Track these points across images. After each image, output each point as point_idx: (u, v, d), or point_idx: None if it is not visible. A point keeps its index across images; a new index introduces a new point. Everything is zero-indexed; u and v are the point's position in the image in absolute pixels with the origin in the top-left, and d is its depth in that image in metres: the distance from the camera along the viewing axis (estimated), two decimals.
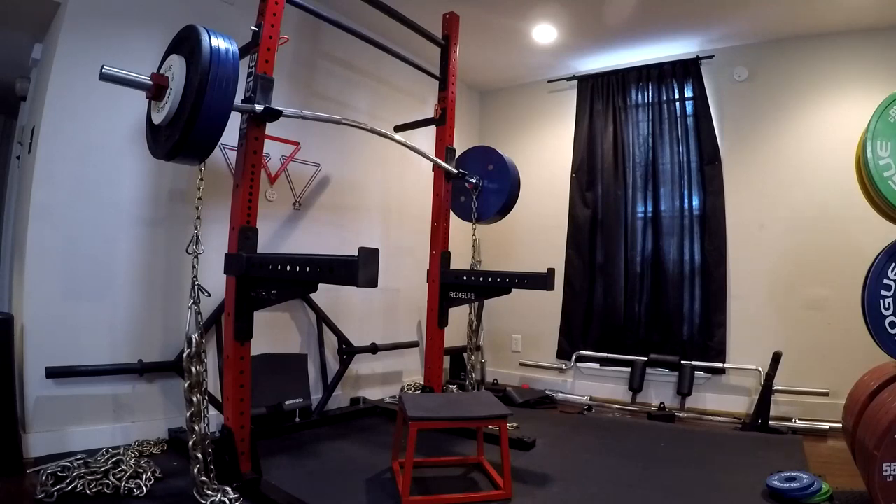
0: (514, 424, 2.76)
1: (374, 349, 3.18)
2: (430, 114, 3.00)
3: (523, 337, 4.14)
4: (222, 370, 2.25)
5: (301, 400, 2.70)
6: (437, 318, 2.84)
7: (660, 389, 3.48)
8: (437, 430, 2.39)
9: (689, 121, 3.58)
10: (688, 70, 3.58)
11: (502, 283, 2.57)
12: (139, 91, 1.66)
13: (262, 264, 1.75)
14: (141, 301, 2.32)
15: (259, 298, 1.82)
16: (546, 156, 4.17)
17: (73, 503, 1.64)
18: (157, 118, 1.65)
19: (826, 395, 2.94)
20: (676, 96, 3.63)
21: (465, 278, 2.76)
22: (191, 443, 1.69)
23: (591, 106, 3.92)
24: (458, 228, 3.14)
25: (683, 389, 3.28)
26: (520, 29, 3.40)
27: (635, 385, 3.45)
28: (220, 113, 1.56)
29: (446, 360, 3.61)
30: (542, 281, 2.45)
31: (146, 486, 1.76)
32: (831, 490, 1.85)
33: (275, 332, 2.77)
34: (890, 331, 1.89)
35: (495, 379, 4.03)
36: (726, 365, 3.30)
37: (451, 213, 3.04)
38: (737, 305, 3.37)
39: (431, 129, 3.03)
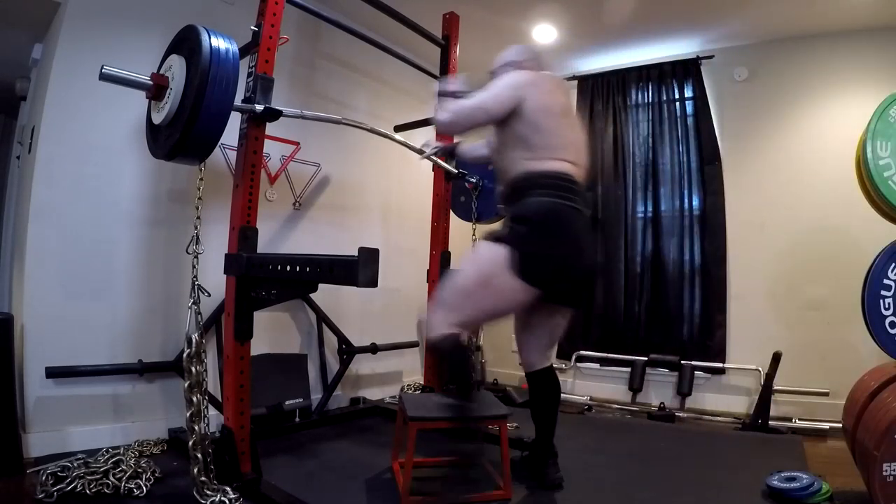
0: (514, 424, 2.75)
1: (374, 349, 3.17)
2: (430, 114, 2.99)
3: None
4: (222, 370, 2.25)
5: (301, 400, 2.70)
6: None
7: (660, 389, 3.47)
8: (437, 429, 2.39)
9: (689, 121, 3.58)
10: (688, 70, 3.58)
11: None
12: (139, 91, 1.66)
13: (263, 264, 1.76)
14: (141, 301, 2.32)
15: (259, 298, 1.82)
16: None
17: (73, 503, 1.64)
18: (157, 118, 1.65)
19: (826, 395, 2.93)
20: (676, 96, 3.63)
21: None
22: (191, 443, 1.69)
23: (591, 106, 3.92)
24: (458, 228, 3.14)
25: (683, 389, 3.28)
26: (520, 29, 3.40)
27: (635, 385, 3.44)
28: (220, 113, 1.56)
29: None
30: None
31: (146, 486, 1.76)
32: (831, 490, 1.85)
33: (275, 332, 2.77)
34: (890, 331, 1.89)
35: (495, 379, 4.02)
36: (726, 365, 3.30)
37: (451, 213, 3.04)
38: (737, 305, 3.36)
39: (431, 129, 3.02)
